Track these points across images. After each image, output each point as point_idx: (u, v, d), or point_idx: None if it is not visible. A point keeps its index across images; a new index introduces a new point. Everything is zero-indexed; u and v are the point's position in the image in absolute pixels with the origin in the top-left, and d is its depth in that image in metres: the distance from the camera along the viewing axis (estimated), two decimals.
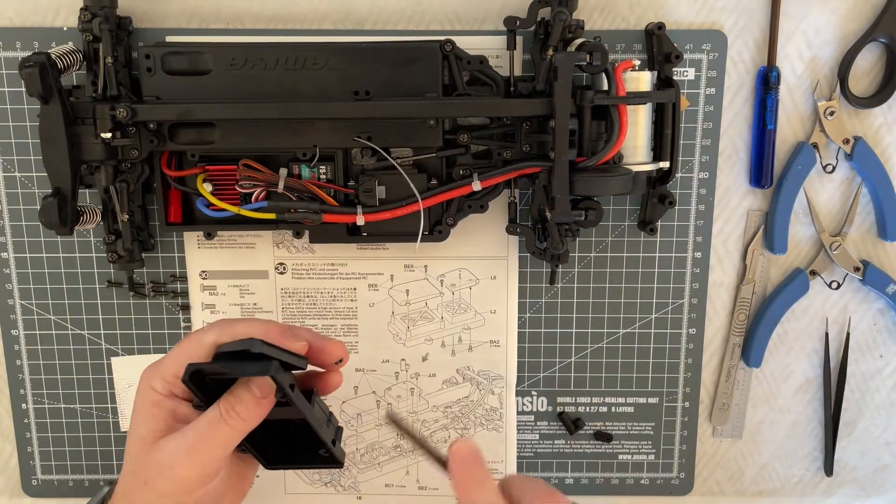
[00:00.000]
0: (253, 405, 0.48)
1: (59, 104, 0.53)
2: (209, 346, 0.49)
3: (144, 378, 0.50)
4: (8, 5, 0.59)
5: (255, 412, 0.48)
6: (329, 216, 0.58)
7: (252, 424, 0.49)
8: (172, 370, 0.49)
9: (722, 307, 0.65)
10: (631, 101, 0.54)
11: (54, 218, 0.54)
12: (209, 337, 0.50)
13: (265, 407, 0.48)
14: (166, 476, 0.47)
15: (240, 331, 0.50)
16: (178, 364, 0.49)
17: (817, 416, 0.67)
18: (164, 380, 0.50)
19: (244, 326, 0.50)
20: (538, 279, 0.64)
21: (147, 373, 0.51)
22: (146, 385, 0.50)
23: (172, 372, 0.49)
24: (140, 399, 0.50)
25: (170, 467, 0.47)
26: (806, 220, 0.64)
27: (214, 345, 0.49)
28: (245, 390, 0.48)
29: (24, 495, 0.67)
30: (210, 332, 0.50)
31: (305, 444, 0.54)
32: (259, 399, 0.48)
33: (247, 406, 0.48)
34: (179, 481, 0.48)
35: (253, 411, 0.48)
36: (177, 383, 0.49)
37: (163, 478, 0.47)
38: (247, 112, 0.55)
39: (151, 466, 0.48)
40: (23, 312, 0.64)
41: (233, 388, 0.48)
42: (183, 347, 0.50)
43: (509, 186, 0.60)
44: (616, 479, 0.68)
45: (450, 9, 0.60)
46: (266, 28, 0.60)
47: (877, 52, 0.61)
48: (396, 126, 0.57)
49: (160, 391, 0.49)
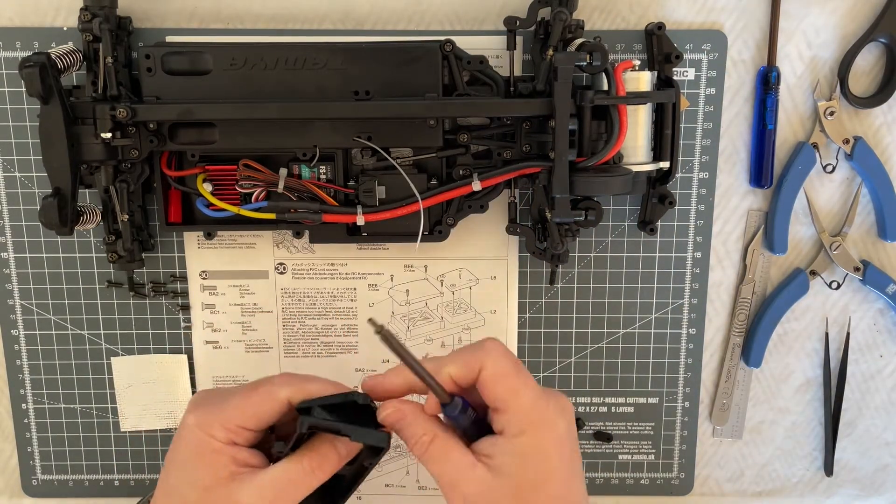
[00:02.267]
0: (336, 464, 0.47)
1: (59, 104, 0.53)
2: (283, 403, 0.47)
3: (200, 425, 0.47)
4: (8, 5, 0.59)
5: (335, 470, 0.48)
6: (329, 216, 0.58)
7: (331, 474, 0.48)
8: (237, 420, 0.47)
9: (722, 307, 0.65)
10: (631, 101, 0.54)
11: (54, 218, 0.54)
12: (283, 393, 0.47)
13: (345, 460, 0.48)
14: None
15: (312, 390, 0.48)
16: (244, 415, 0.47)
17: (817, 416, 0.67)
18: (226, 428, 0.47)
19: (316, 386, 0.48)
20: (538, 279, 0.64)
21: (202, 419, 0.47)
22: (203, 433, 0.47)
23: (237, 422, 0.47)
24: (196, 447, 0.47)
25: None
26: (806, 220, 0.64)
27: (288, 401, 0.47)
28: (332, 450, 0.47)
29: (24, 495, 0.67)
30: (282, 387, 0.48)
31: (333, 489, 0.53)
32: (343, 458, 0.47)
33: (331, 465, 0.47)
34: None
35: (335, 469, 0.47)
36: (240, 432, 0.47)
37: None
38: (247, 112, 0.55)
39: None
40: (23, 312, 0.64)
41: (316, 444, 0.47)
42: (253, 400, 0.47)
43: (509, 186, 0.60)
44: (616, 479, 0.68)
45: (450, 9, 0.60)
46: (266, 28, 0.60)
47: (877, 52, 0.61)
48: (396, 126, 0.57)
49: (221, 439, 0.47)
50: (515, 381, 0.44)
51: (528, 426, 0.44)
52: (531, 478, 0.43)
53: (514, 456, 0.44)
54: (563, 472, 0.44)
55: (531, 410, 0.44)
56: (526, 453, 0.44)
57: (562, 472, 0.44)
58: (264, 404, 0.47)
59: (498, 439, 0.44)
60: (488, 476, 0.43)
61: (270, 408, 0.47)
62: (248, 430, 0.47)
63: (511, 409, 0.44)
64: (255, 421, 0.47)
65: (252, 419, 0.47)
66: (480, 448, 0.45)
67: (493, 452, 0.44)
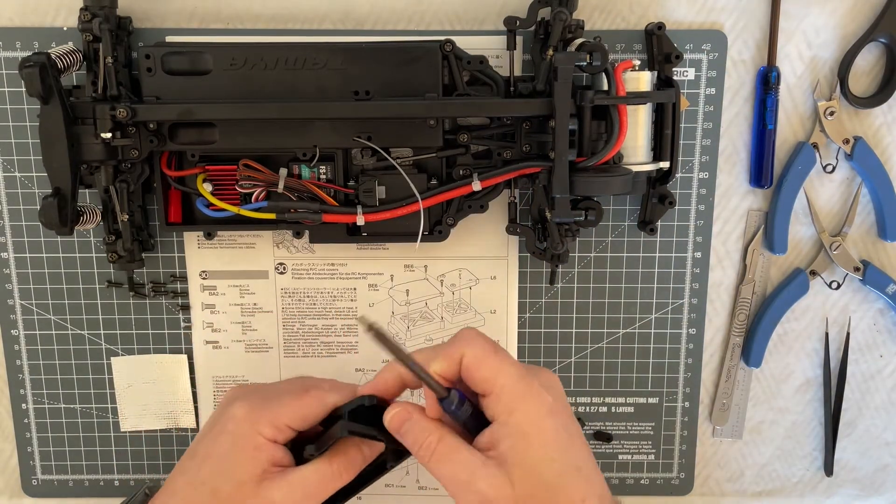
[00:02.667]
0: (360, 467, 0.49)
1: (59, 104, 0.53)
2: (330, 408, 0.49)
3: (248, 420, 0.48)
4: (8, 5, 0.59)
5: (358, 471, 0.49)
6: (329, 216, 0.58)
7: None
8: (286, 420, 0.48)
9: (722, 307, 0.65)
10: (631, 101, 0.54)
11: (54, 218, 0.54)
12: (332, 399, 0.49)
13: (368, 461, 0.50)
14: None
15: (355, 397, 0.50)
16: (294, 416, 0.48)
17: (817, 416, 0.67)
18: (274, 426, 0.48)
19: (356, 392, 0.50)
20: (538, 279, 0.64)
21: (252, 414, 0.49)
22: (251, 428, 0.48)
23: (286, 421, 0.48)
24: (241, 441, 0.48)
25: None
26: (806, 220, 0.64)
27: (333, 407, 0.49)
28: (358, 454, 0.49)
29: (24, 495, 0.67)
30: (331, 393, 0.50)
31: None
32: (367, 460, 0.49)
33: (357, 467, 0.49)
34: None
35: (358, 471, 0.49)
36: (287, 432, 0.48)
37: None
38: (247, 112, 0.55)
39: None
40: (23, 312, 0.64)
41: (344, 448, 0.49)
42: (304, 402, 0.49)
43: (509, 186, 0.60)
44: (616, 479, 0.68)
45: (450, 9, 0.60)
46: (266, 28, 0.60)
47: (877, 52, 0.61)
48: (396, 126, 0.57)
49: (267, 436, 0.48)
50: (495, 360, 0.45)
51: (517, 402, 0.44)
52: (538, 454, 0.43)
53: (513, 437, 0.43)
54: (565, 440, 0.44)
55: (516, 385, 0.44)
56: (524, 431, 0.43)
57: (563, 440, 0.44)
58: (315, 408, 0.49)
59: (494, 426, 0.44)
60: (499, 471, 0.43)
61: (319, 412, 0.49)
62: (293, 430, 0.49)
63: (496, 387, 0.44)
64: (302, 422, 0.49)
65: (300, 420, 0.49)
66: (481, 443, 0.45)
67: (493, 441, 0.44)
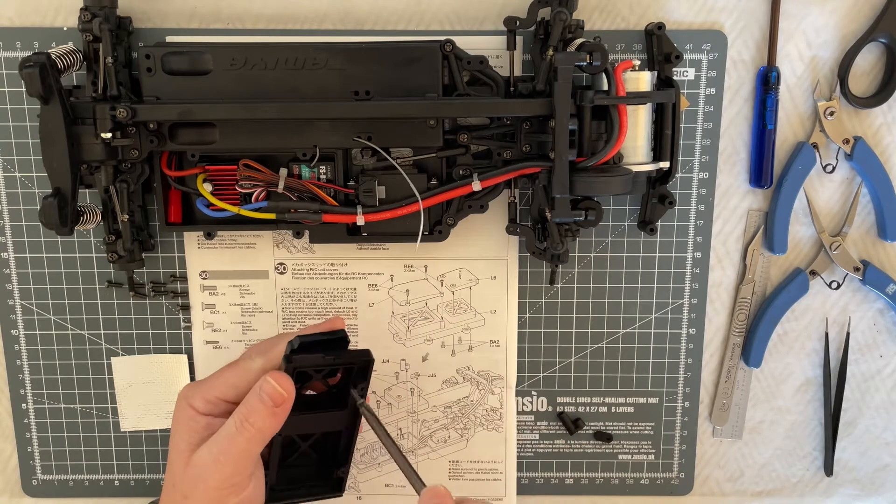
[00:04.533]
0: (267, 415, 0.50)
1: (59, 104, 0.53)
2: (257, 373, 0.52)
3: (183, 396, 0.53)
4: (8, 5, 0.59)
5: (269, 422, 0.50)
6: (329, 216, 0.58)
7: (268, 433, 0.51)
8: (217, 392, 0.52)
9: (722, 307, 0.65)
10: (631, 101, 0.54)
11: (54, 218, 0.54)
12: (255, 364, 0.52)
13: (279, 416, 0.51)
14: (200, 489, 0.50)
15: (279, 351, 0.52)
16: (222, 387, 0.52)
17: (817, 416, 0.67)
18: (205, 399, 0.52)
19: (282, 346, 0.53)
20: (538, 279, 0.64)
21: (186, 391, 0.53)
22: (184, 402, 0.52)
23: (216, 394, 0.52)
24: (178, 415, 0.52)
25: (202, 480, 0.50)
26: (806, 220, 0.64)
27: (262, 371, 0.52)
28: (257, 401, 0.50)
29: (24, 495, 0.67)
30: (254, 358, 0.53)
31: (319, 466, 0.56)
32: (272, 409, 0.50)
33: (260, 416, 0.50)
34: (211, 492, 0.50)
35: (267, 421, 0.50)
36: (218, 403, 0.52)
37: (197, 490, 0.50)
38: (247, 112, 0.55)
39: (187, 480, 0.50)
40: (23, 312, 0.64)
41: (246, 398, 0.51)
42: (229, 373, 0.53)
43: (509, 186, 0.60)
44: (616, 479, 0.68)
45: (450, 9, 0.60)
46: (266, 28, 0.60)
47: (877, 52, 0.61)
48: (396, 126, 0.57)
49: (199, 409, 0.52)
50: None
51: None
52: None
53: None
54: None
55: None
56: None
57: None
58: (241, 376, 0.52)
59: None
60: None
61: (246, 378, 0.52)
62: (227, 401, 0.52)
63: None
64: (234, 391, 0.52)
65: (232, 390, 0.52)
66: None
67: None
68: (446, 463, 0.67)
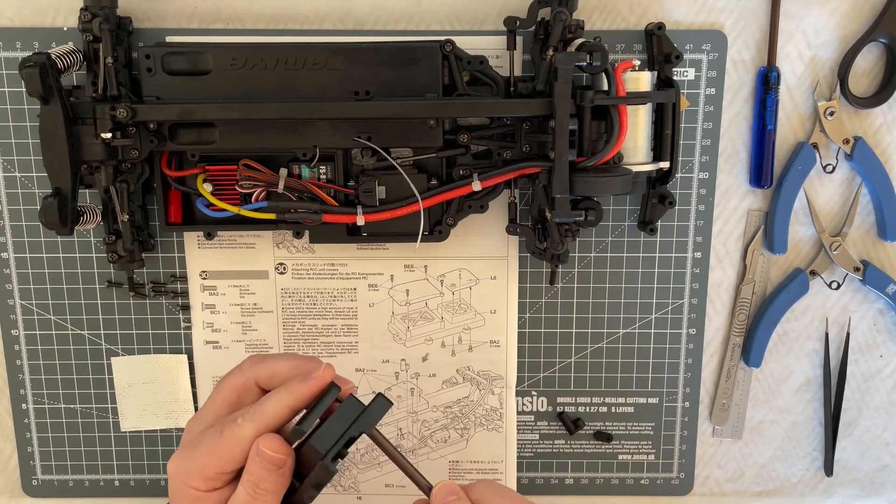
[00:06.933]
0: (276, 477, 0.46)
1: (59, 104, 0.53)
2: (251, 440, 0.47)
3: (177, 476, 0.48)
4: (8, 5, 0.59)
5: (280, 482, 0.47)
6: (329, 216, 0.58)
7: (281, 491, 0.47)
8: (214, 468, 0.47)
9: (722, 307, 0.65)
10: (631, 102, 0.54)
11: (54, 218, 0.54)
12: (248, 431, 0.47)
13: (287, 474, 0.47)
14: None
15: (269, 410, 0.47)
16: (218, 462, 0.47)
17: (817, 416, 0.67)
18: (204, 478, 0.47)
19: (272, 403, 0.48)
20: (538, 279, 0.64)
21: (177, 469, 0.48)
22: (181, 483, 0.48)
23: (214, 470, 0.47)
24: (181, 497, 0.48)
25: None
26: (806, 220, 0.64)
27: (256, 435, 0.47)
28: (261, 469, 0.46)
29: (24, 495, 0.68)
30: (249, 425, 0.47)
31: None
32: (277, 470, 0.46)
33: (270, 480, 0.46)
34: None
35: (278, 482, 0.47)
36: (219, 478, 0.47)
37: None
38: (247, 112, 0.55)
39: None
40: (23, 312, 0.64)
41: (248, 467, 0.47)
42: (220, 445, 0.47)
43: (509, 186, 0.60)
44: (616, 479, 0.68)
45: (450, 9, 0.60)
46: (266, 28, 0.60)
47: (877, 52, 0.61)
48: (396, 126, 0.57)
49: (201, 489, 0.47)
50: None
51: None
52: None
53: None
54: None
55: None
56: None
57: None
58: (234, 447, 0.47)
59: None
60: None
61: (241, 447, 0.47)
62: (226, 473, 0.47)
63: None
64: (232, 464, 0.47)
65: (229, 464, 0.47)
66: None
67: None
68: (446, 463, 0.67)
